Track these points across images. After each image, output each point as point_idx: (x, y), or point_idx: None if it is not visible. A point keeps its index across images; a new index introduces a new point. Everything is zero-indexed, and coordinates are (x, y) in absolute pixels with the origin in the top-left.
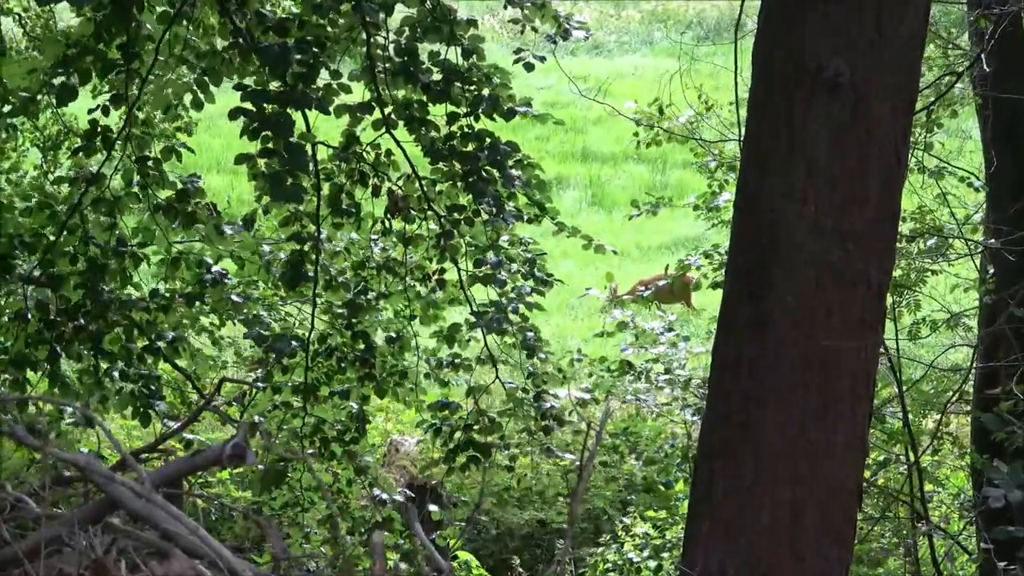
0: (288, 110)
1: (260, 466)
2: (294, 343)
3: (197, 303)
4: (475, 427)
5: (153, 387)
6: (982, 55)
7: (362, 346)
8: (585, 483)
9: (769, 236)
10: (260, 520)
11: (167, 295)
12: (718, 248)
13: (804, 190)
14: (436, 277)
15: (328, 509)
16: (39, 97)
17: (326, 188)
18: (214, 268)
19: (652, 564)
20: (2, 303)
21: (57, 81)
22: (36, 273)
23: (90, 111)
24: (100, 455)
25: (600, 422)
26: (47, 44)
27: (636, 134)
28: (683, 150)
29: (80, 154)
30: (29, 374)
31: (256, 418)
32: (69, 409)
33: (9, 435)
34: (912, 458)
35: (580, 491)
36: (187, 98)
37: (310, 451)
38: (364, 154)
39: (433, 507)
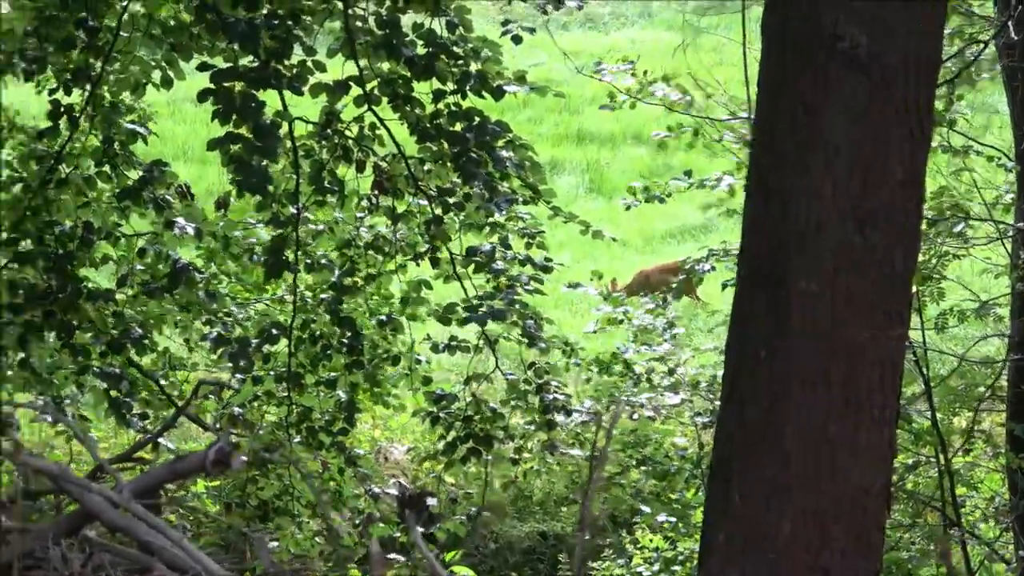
0: (259, 91)
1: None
2: (274, 331)
3: (165, 297)
4: (476, 417)
5: (123, 386)
6: (1009, 23)
7: (348, 333)
8: (596, 483)
9: (784, 220)
10: (249, 533)
11: (132, 288)
12: (727, 245)
13: (821, 170)
14: (428, 256)
15: (316, 498)
16: None
17: (306, 165)
18: (181, 261)
19: None
20: None
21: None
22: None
23: (51, 91)
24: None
25: (611, 418)
26: (15, 10)
27: (611, 96)
28: (685, 134)
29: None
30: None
31: (235, 410)
32: (38, 405)
33: None
34: (942, 460)
35: (592, 491)
36: (156, 75)
37: (296, 439)
38: (346, 131)
39: (431, 500)
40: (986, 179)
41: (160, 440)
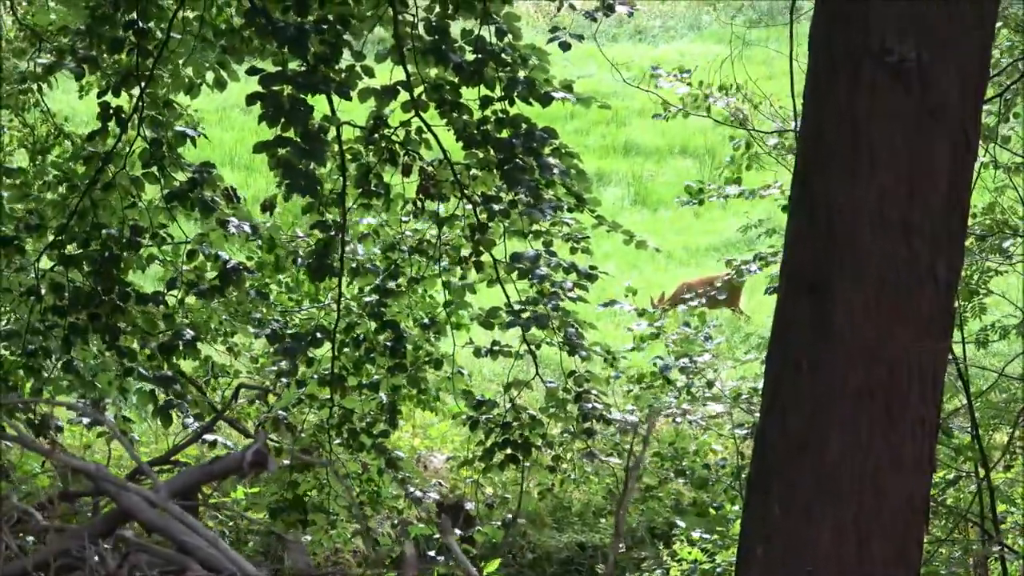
0: (307, 95)
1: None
2: (319, 335)
3: (216, 298)
4: (515, 424)
5: (174, 389)
6: None
7: (390, 335)
8: (632, 491)
9: (828, 231)
10: (285, 537)
11: (182, 290)
12: (774, 251)
13: (867, 181)
14: (473, 260)
15: (359, 495)
16: (27, 95)
17: (352, 169)
18: (232, 262)
19: None
20: (13, 284)
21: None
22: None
23: (100, 93)
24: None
25: (647, 425)
26: (70, 5)
27: (664, 106)
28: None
29: (96, 138)
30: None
31: (279, 413)
32: (79, 406)
33: (16, 441)
34: (982, 474)
35: (626, 500)
36: (209, 77)
37: (336, 441)
38: (393, 136)
39: (469, 505)
40: None
41: (210, 436)
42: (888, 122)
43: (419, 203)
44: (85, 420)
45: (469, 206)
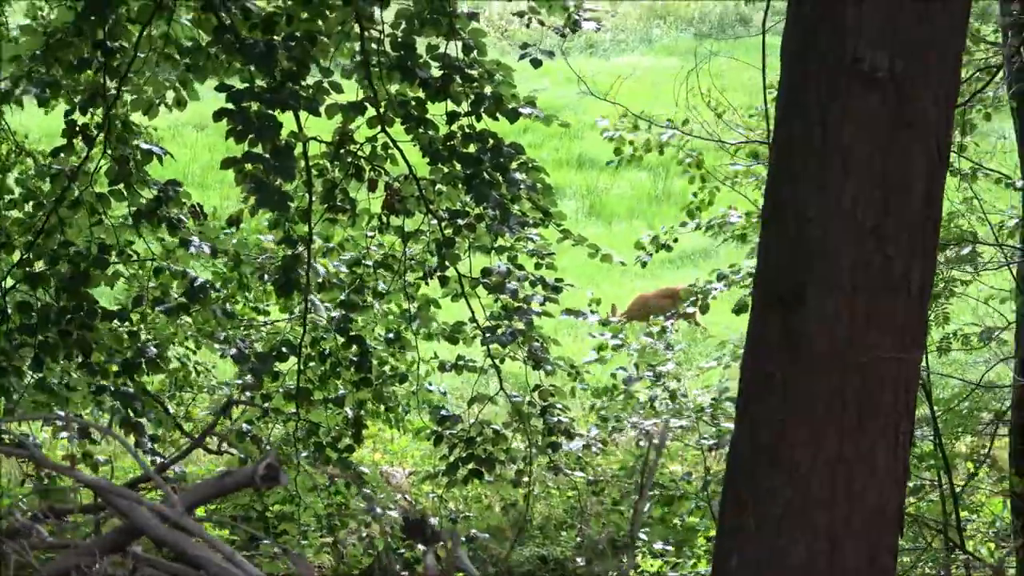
0: (275, 111)
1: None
2: (284, 349)
3: (181, 317)
4: (478, 438)
5: (137, 406)
6: (1021, 48)
7: (357, 350)
8: (645, 501)
9: (801, 240)
10: (289, 550)
11: (148, 307)
12: (735, 268)
13: (841, 191)
14: (438, 275)
15: (327, 508)
16: None
17: (319, 184)
18: (198, 279)
19: None
20: None
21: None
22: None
23: (67, 112)
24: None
25: (660, 436)
26: (26, 34)
27: (616, 153)
28: (670, 150)
29: (60, 154)
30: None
31: (244, 426)
32: (60, 423)
33: (31, 459)
34: (946, 483)
35: (640, 509)
36: (169, 96)
37: (303, 454)
38: (359, 152)
39: (432, 519)
40: (990, 204)
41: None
42: (861, 131)
43: (384, 218)
44: (66, 435)
45: (434, 221)
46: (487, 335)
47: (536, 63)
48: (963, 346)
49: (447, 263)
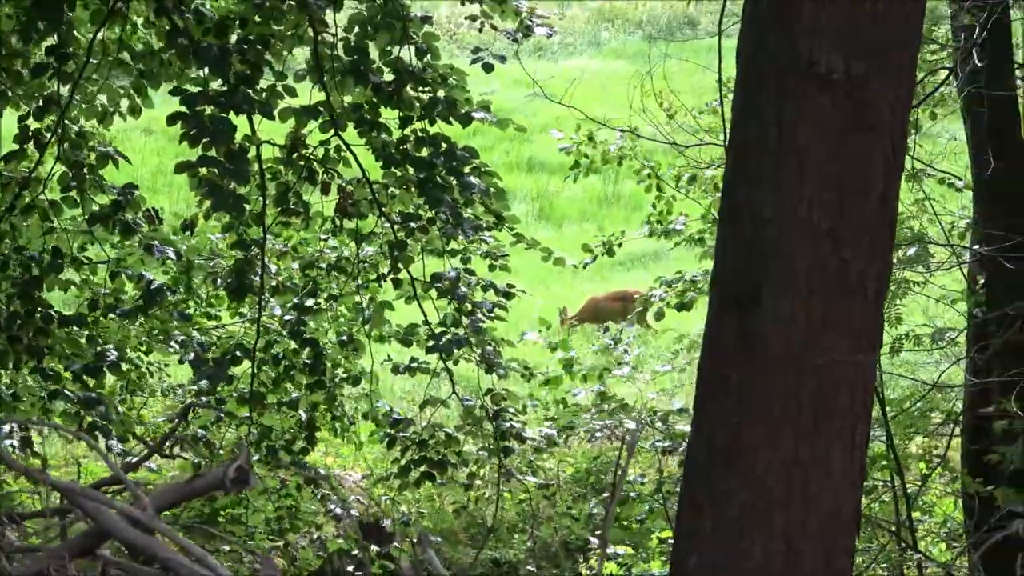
0: (230, 114)
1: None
2: (238, 353)
3: (139, 319)
4: (430, 441)
5: (99, 411)
6: (973, 50)
7: (310, 353)
8: (615, 504)
9: (757, 242)
10: (256, 552)
11: (105, 311)
12: (681, 274)
13: (797, 193)
14: (391, 277)
15: (278, 511)
16: None
17: (272, 188)
18: (156, 282)
19: None
20: None
21: None
22: None
23: (21, 117)
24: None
25: (631, 437)
26: None
27: (573, 166)
28: (628, 161)
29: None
30: None
31: (198, 431)
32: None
33: (4, 463)
34: (898, 484)
35: (611, 512)
36: (124, 104)
37: (255, 458)
38: (311, 155)
39: (386, 522)
40: (941, 205)
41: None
42: (817, 133)
43: (338, 221)
44: (10, 442)
45: (387, 224)
46: (433, 343)
47: (488, 68)
48: (915, 347)
49: (400, 266)
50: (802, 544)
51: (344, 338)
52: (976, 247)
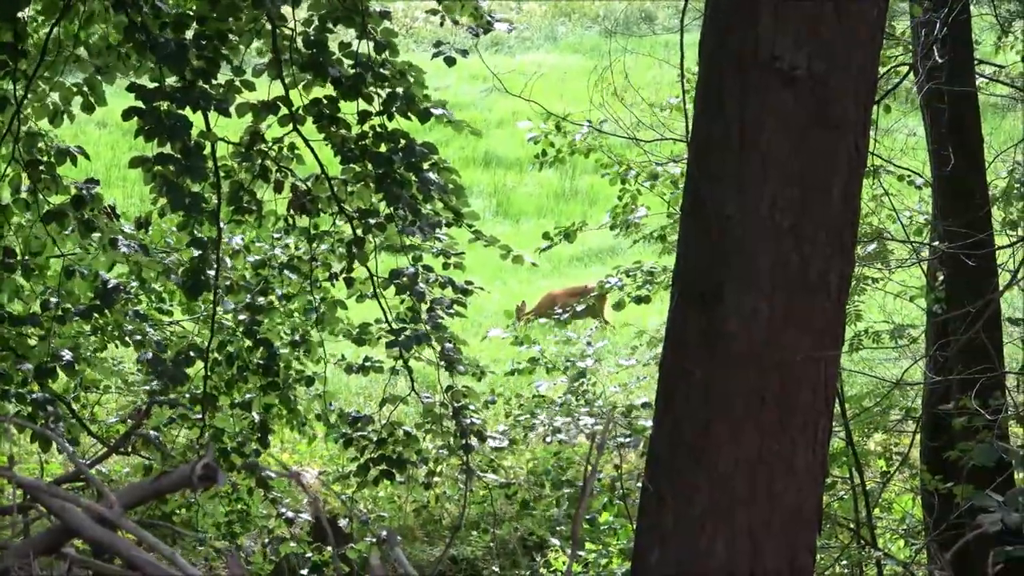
0: (186, 110)
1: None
2: (192, 353)
3: (95, 318)
4: (389, 440)
5: (52, 412)
6: (934, 46)
7: (264, 353)
8: (586, 502)
9: (720, 239)
10: (222, 550)
11: (61, 311)
12: (640, 265)
13: (759, 190)
14: (344, 276)
15: (227, 515)
16: None
17: (226, 186)
18: (112, 281)
19: None
20: None
21: None
22: None
23: None
24: None
25: (601, 435)
26: None
27: (538, 155)
28: (595, 154)
29: None
30: None
31: (151, 432)
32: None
33: None
34: (858, 481)
35: (581, 511)
36: (77, 102)
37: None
38: (268, 151)
39: (343, 520)
40: (899, 201)
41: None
42: (780, 130)
43: (291, 219)
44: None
45: (342, 222)
46: (392, 340)
47: (450, 61)
48: (874, 344)
49: (356, 261)
50: (765, 542)
51: (296, 338)
52: (936, 243)
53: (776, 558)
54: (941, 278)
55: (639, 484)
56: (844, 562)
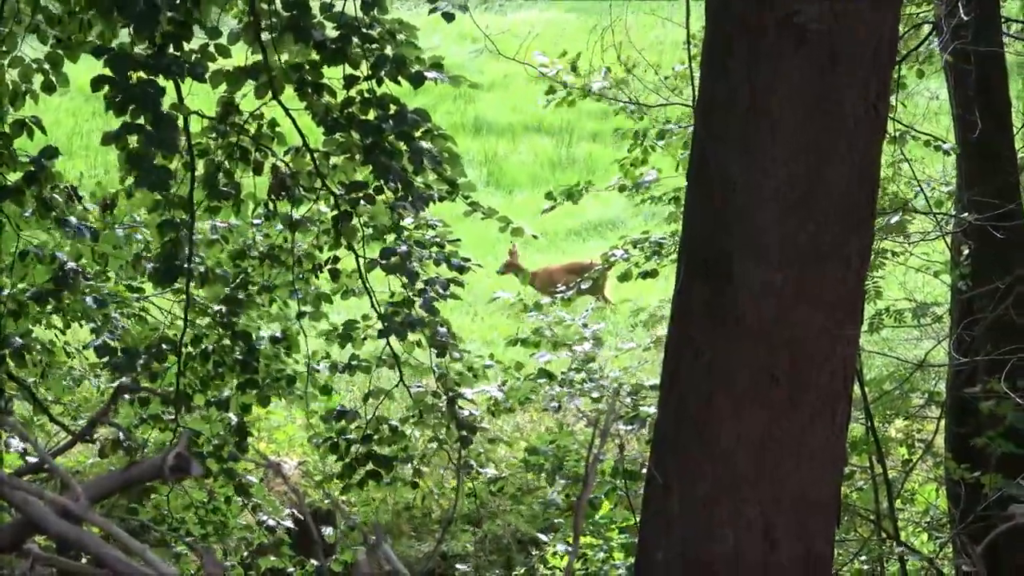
0: (158, 77)
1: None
2: (164, 346)
3: (49, 303)
4: (375, 437)
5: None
6: (959, 3)
7: (243, 348)
8: (589, 492)
9: (727, 208)
10: (196, 547)
11: (17, 295)
12: (647, 235)
13: (769, 157)
14: (329, 267)
15: (204, 529)
16: None
17: (201, 167)
18: (69, 265)
19: None
20: None
21: None
22: None
23: None
24: None
25: (606, 420)
26: None
27: (549, 91)
28: (592, 120)
29: None
30: None
31: (120, 434)
32: None
33: None
34: (879, 470)
35: (584, 501)
36: (37, 80)
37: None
38: (245, 126)
39: (327, 529)
40: (921, 169)
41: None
42: (792, 92)
43: (272, 205)
44: None
45: (325, 208)
46: (386, 327)
47: (449, 17)
48: (895, 323)
49: (343, 240)
50: (779, 534)
51: (277, 334)
52: (962, 215)
53: (790, 547)
54: (967, 252)
55: (643, 470)
56: (864, 556)
